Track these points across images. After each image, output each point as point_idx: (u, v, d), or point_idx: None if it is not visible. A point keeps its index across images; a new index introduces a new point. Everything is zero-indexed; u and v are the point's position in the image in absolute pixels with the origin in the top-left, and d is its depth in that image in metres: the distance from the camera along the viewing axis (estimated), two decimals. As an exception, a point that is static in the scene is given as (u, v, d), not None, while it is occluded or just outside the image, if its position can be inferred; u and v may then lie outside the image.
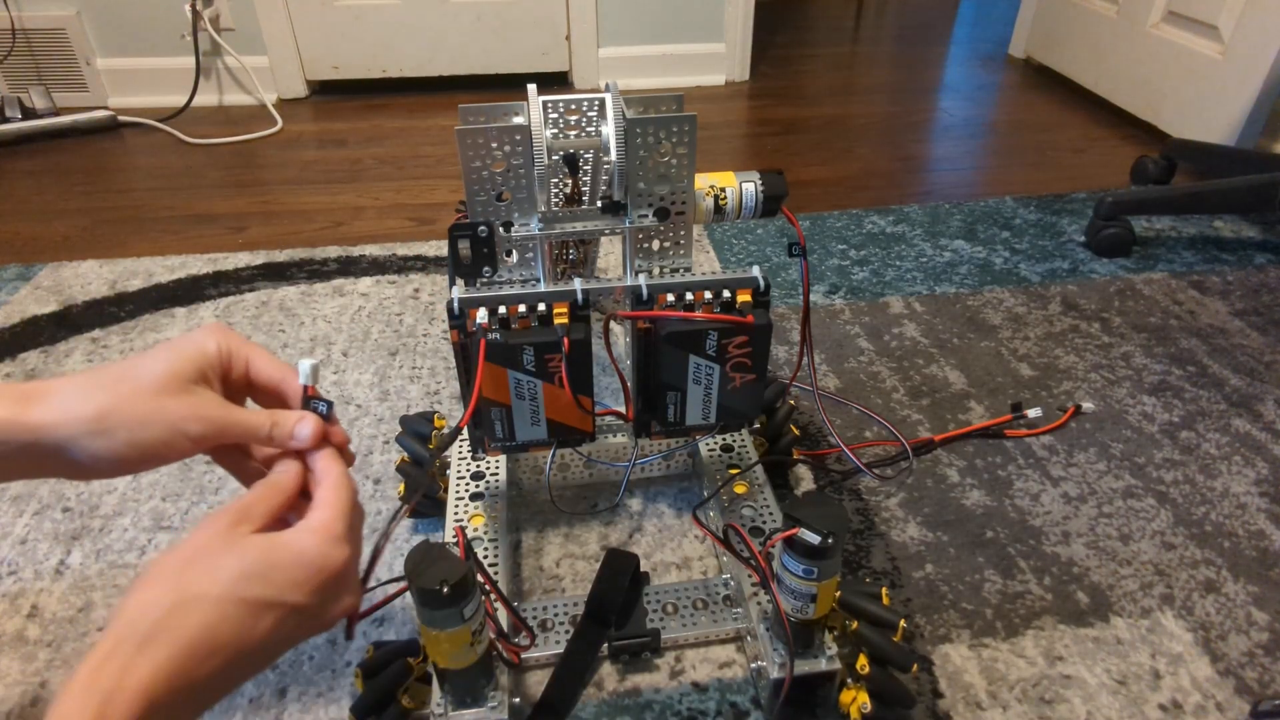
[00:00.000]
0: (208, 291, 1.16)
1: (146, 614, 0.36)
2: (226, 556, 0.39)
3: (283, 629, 0.40)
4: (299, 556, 0.40)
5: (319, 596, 0.41)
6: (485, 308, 0.58)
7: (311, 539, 0.41)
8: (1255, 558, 0.73)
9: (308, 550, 0.41)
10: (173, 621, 0.36)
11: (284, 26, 1.89)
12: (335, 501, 0.44)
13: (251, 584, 0.38)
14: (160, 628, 0.36)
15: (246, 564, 0.39)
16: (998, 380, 0.97)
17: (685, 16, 2.00)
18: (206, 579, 0.38)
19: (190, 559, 0.39)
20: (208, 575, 0.38)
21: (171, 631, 0.36)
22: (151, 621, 0.36)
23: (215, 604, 0.37)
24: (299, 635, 0.41)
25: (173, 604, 0.37)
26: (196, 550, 0.39)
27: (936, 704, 0.61)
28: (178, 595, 0.37)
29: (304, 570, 0.40)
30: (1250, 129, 1.49)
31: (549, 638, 0.63)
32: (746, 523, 0.70)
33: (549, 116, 0.66)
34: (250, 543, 0.40)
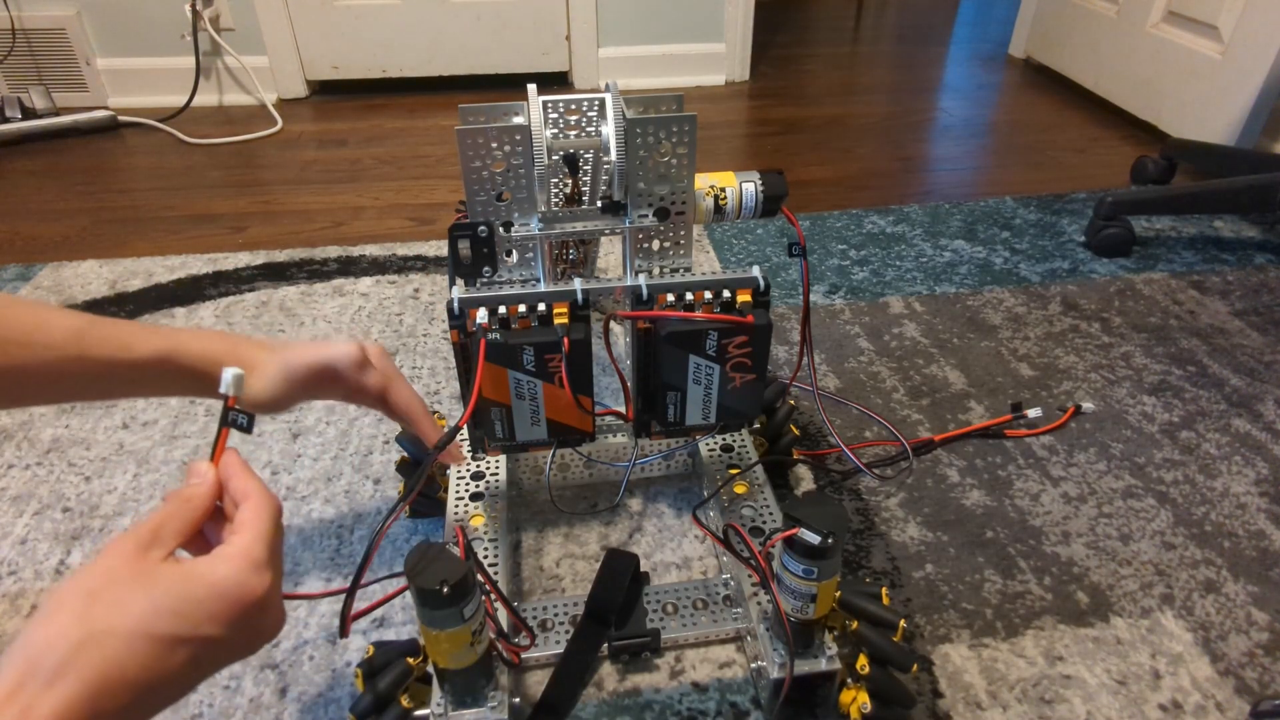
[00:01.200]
0: (208, 291, 1.16)
1: (53, 649, 0.34)
2: (135, 589, 0.37)
3: (199, 661, 0.38)
4: (214, 588, 0.38)
5: (237, 628, 0.39)
6: (485, 308, 0.58)
7: (228, 568, 0.39)
8: (1255, 558, 0.73)
9: (225, 580, 0.39)
10: (80, 658, 0.34)
11: (284, 26, 1.89)
12: (255, 523, 0.41)
13: (162, 619, 0.36)
14: (67, 664, 0.34)
15: (156, 598, 0.37)
16: (998, 380, 0.97)
17: (685, 16, 2.00)
18: (115, 613, 0.36)
19: (96, 591, 0.36)
20: (116, 609, 0.36)
21: (79, 669, 0.34)
22: (58, 658, 0.34)
23: (124, 640, 0.35)
24: (219, 664, 0.40)
25: (79, 640, 0.35)
26: (104, 579, 0.37)
27: (936, 704, 0.61)
28: (84, 630, 0.35)
29: (221, 602, 0.38)
30: (1250, 129, 1.49)
31: (549, 638, 0.63)
32: (746, 523, 0.70)
33: (549, 116, 0.66)
34: (161, 574, 0.38)
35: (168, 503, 0.42)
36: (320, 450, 0.86)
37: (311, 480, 0.82)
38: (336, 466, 0.84)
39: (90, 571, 0.37)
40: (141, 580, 0.37)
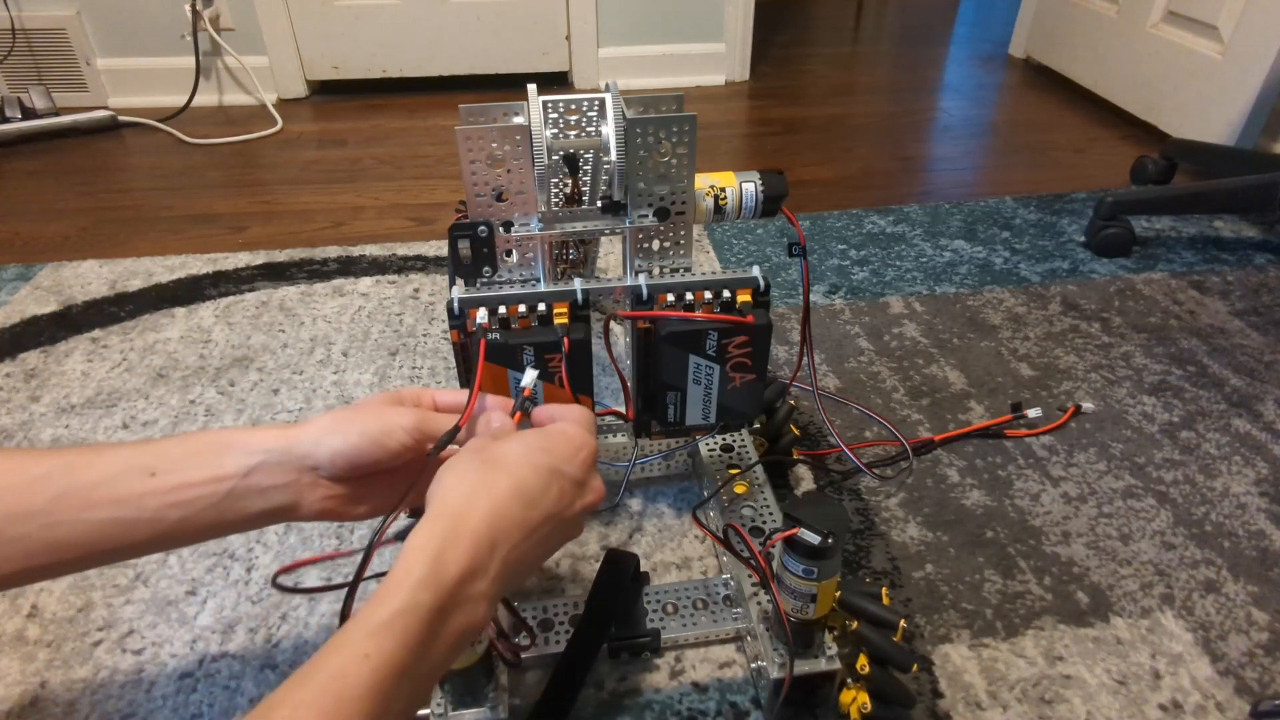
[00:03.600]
0: (208, 291, 1.16)
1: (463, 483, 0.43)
2: (510, 442, 0.47)
3: (562, 501, 0.46)
4: (569, 437, 0.48)
5: (584, 472, 0.48)
6: (485, 308, 0.58)
7: (573, 427, 0.49)
8: (1255, 558, 0.73)
9: (574, 432, 0.49)
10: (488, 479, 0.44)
11: (284, 26, 1.89)
12: (577, 409, 0.52)
13: (537, 454, 0.46)
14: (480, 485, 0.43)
15: (529, 440, 0.47)
16: (998, 380, 0.97)
17: (685, 16, 2.00)
18: (503, 451, 0.46)
19: (478, 448, 0.46)
20: (502, 450, 0.46)
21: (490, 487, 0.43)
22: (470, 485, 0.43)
23: (515, 466, 0.45)
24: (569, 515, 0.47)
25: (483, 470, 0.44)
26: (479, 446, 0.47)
27: (936, 704, 0.61)
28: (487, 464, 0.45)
29: (572, 446, 0.48)
30: (1250, 129, 1.49)
31: (549, 638, 0.63)
32: (746, 523, 0.70)
33: (549, 116, 0.66)
34: (524, 432, 0.49)
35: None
36: (320, 450, 0.86)
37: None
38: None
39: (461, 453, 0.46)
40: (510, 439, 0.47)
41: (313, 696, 0.34)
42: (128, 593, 0.70)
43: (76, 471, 0.44)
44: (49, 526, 0.43)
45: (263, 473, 0.46)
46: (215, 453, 0.46)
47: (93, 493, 0.44)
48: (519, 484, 0.44)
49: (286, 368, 1.00)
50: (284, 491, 0.47)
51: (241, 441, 0.47)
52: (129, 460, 0.45)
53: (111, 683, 0.63)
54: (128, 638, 0.67)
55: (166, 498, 0.45)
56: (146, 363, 1.01)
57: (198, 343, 1.04)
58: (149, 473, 0.45)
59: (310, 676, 0.35)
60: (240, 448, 0.46)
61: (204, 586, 0.71)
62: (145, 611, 0.69)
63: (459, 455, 0.46)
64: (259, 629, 0.67)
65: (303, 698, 0.34)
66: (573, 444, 0.48)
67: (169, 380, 0.98)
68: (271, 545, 0.75)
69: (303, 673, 0.35)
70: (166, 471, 0.45)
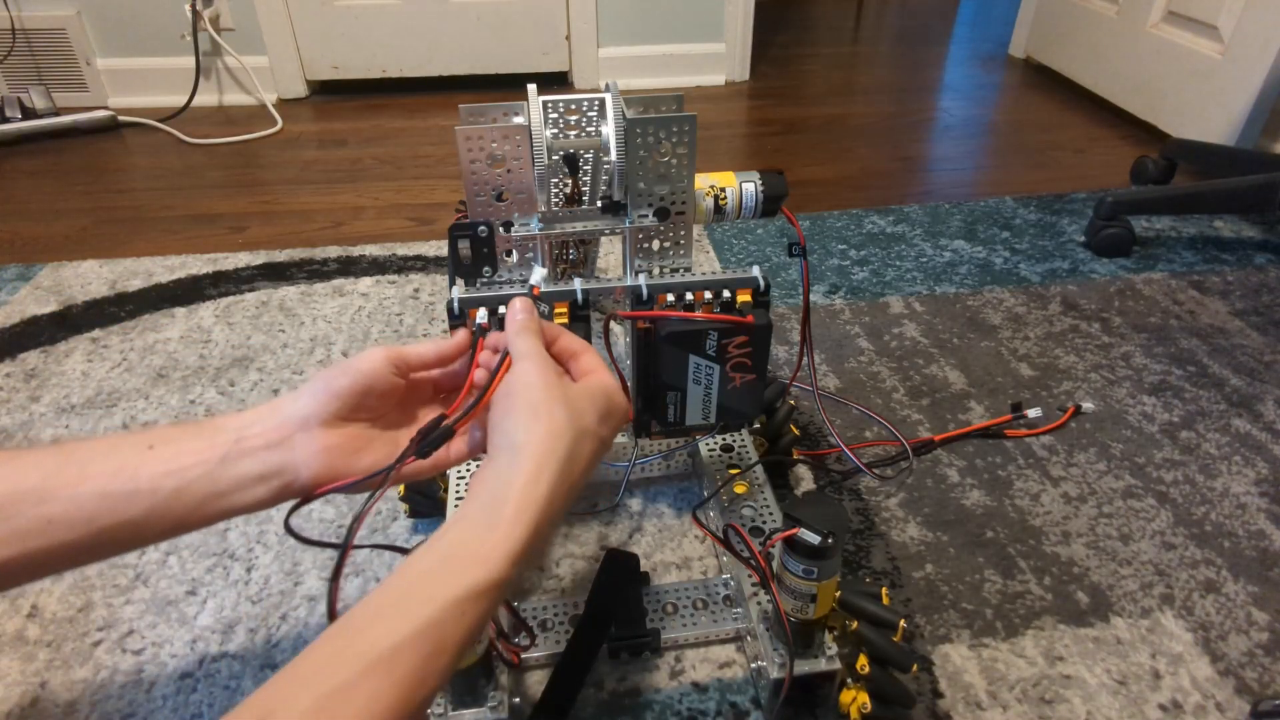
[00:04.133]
0: (208, 291, 1.16)
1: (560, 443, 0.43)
2: (583, 398, 0.47)
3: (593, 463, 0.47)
4: (621, 407, 0.49)
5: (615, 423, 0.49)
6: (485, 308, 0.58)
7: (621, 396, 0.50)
8: (1255, 558, 0.73)
9: (622, 402, 0.50)
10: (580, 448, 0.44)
11: (284, 26, 1.89)
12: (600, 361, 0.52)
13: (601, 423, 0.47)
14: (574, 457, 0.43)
15: (597, 400, 0.47)
16: (998, 380, 0.97)
17: (685, 16, 2.00)
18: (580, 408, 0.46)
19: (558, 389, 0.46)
20: (580, 406, 0.46)
21: (579, 460, 0.44)
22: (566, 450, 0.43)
23: (588, 429, 0.45)
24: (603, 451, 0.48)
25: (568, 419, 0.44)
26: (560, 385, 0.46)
27: (936, 704, 0.61)
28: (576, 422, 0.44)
29: (620, 415, 0.49)
30: (1250, 129, 1.49)
31: (549, 638, 0.63)
32: (746, 523, 0.70)
33: (549, 116, 0.66)
34: (593, 386, 0.49)
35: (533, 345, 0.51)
36: (320, 450, 0.86)
37: (311, 480, 0.82)
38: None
39: None
40: (584, 388, 0.48)
41: (413, 640, 0.35)
42: (128, 593, 0.70)
43: (71, 451, 0.45)
44: (41, 503, 0.42)
45: (254, 434, 0.46)
46: (211, 430, 0.47)
47: (88, 467, 0.44)
48: (597, 450, 0.46)
49: (286, 368, 1.00)
50: (278, 451, 0.46)
51: (236, 418, 0.47)
52: (126, 437, 0.46)
53: (111, 683, 0.63)
54: (128, 638, 0.67)
55: (161, 466, 0.44)
56: (146, 363, 1.01)
57: (198, 343, 1.04)
58: (146, 445, 0.45)
59: (405, 614, 0.35)
60: (234, 423, 0.47)
61: (204, 586, 0.71)
62: (145, 611, 0.69)
63: (542, 399, 0.45)
64: (259, 629, 0.67)
65: (403, 638, 0.34)
66: (620, 412, 0.50)
67: (169, 380, 0.98)
68: (271, 545, 0.75)
69: (396, 602, 0.36)
70: (163, 444, 0.45)
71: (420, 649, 0.34)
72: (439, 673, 0.35)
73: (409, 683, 0.34)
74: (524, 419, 0.43)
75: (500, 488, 0.41)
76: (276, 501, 0.48)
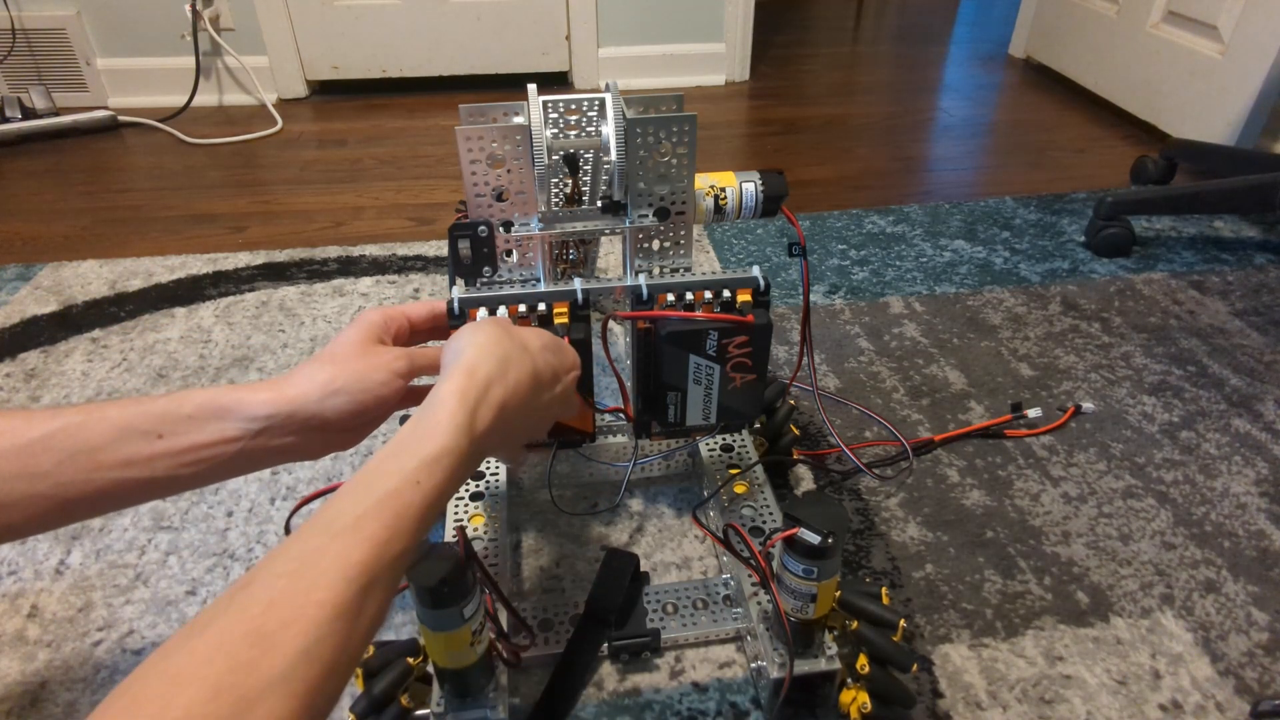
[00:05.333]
0: (208, 291, 1.16)
1: (495, 350, 0.47)
2: (531, 333, 0.52)
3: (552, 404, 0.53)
4: (571, 353, 0.56)
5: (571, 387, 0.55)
6: (485, 308, 0.58)
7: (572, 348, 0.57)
8: (1255, 558, 0.73)
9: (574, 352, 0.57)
10: (516, 356, 0.48)
11: (284, 26, 1.89)
12: None
13: (551, 354, 0.52)
14: (509, 359, 0.47)
15: (545, 338, 0.53)
16: (998, 380, 0.97)
17: (685, 16, 2.00)
18: (526, 336, 0.51)
19: (502, 322, 0.52)
20: (525, 335, 0.51)
21: (516, 364, 0.48)
22: (501, 354, 0.47)
23: (535, 355, 0.50)
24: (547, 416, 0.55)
25: (511, 345, 0.49)
26: (503, 321, 0.53)
27: (936, 704, 0.61)
28: (515, 342, 0.49)
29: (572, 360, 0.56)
30: (1250, 129, 1.49)
31: (549, 638, 0.63)
32: (746, 523, 0.70)
33: (549, 116, 0.66)
34: (539, 329, 0.55)
35: None
36: (320, 450, 0.86)
37: (311, 480, 0.82)
38: (336, 466, 0.84)
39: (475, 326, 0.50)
40: (529, 328, 0.54)
41: (374, 510, 0.37)
42: (128, 593, 0.70)
43: (78, 434, 0.46)
44: (60, 487, 0.45)
45: (272, 434, 0.49)
46: (216, 416, 0.48)
47: (98, 455, 0.46)
48: (536, 371, 0.49)
49: (286, 368, 1.00)
50: (295, 447, 0.50)
51: (239, 403, 0.48)
52: (130, 422, 0.47)
53: (111, 683, 0.63)
54: (128, 638, 0.67)
55: (178, 459, 0.47)
56: (146, 363, 1.01)
57: (198, 343, 1.04)
58: (155, 435, 0.47)
59: (366, 489, 0.38)
60: (240, 412, 0.48)
61: (204, 586, 0.71)
62: (145, 611, 0.69)
63: (485, 322, 0.50)
64: (259, 629, 0.67)
65: (366, 509, 0.37)
66: (571, 356, 0.56)
67: (169, 380, 0.98)
68: (271, 545, 0.75)
69: (357, 488, 0.39)
70: (173, 435, 0.47)
71: (382, 514, 0.37)
72: (407, 533, 0.38)
73: (377, 540, 0.36)
74: (465, 332, 0.49)
75: (440, 385, 0.45)
76: None
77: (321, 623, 0.33)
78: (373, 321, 0.54)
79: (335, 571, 0.35)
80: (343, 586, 0.34)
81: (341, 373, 0.50)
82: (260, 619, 0.32)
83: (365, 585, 0.35)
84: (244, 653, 0.31)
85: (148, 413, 0.47)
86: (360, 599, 0.35)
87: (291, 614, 0.33)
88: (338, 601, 0.34)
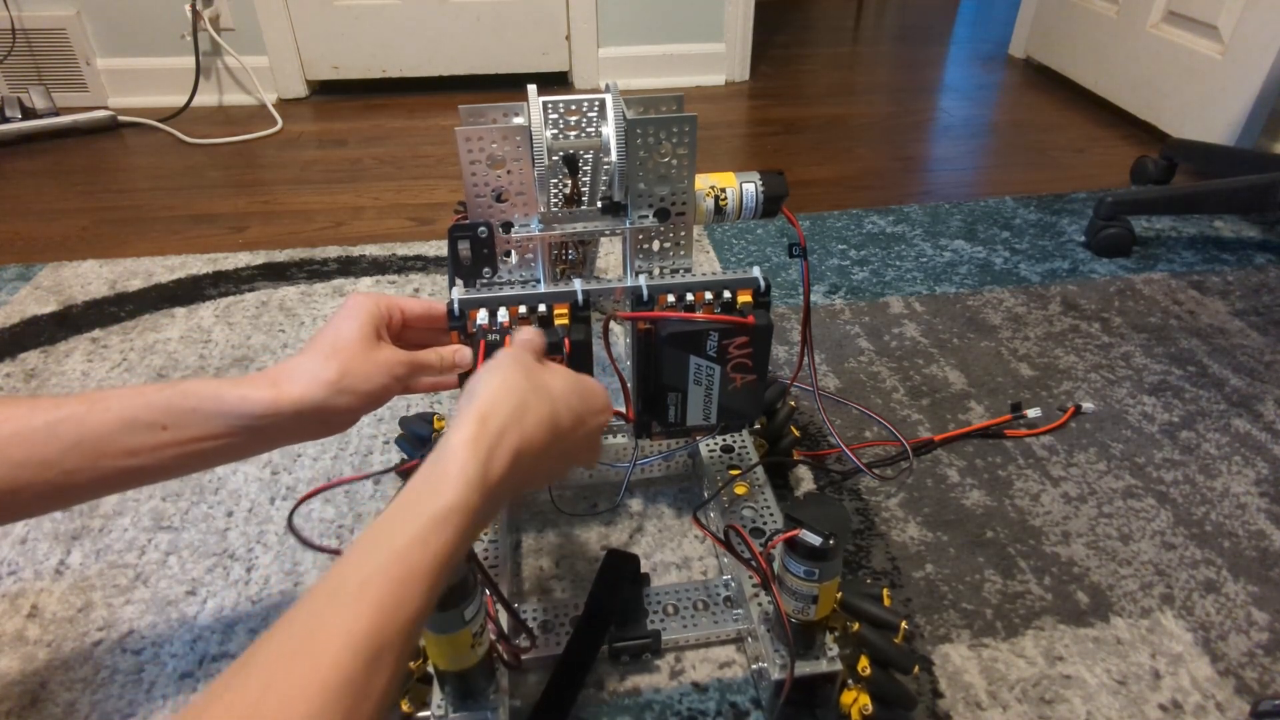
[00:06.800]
0: (208, 291, 1.16)
1: (510, 396, 0.45)
2: (554, 374, 0.49)
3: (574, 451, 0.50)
4: (599, 395, 0.52)
5: (597, 432, 0.52)
6: (485, 309, 0.58)
7: (602, 388, 0.54)
8: (1255, 558, 0.73)
9: (603, 393, 0.53)
10: (533, 402, 0.45)
11: (284, 26, 1.89)
12: None
13: (574, 397, 0.49)
14: (525, 404, 0.45)
15: (569, 380, 0.50)
16: (998, 380, 0.97)
17: (685, 16, 2.00)
18: (547, 379, 0.48)
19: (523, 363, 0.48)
20: (546, 378, 0.48)
21: (533, 410, 0.45)
22: (517, 401, 0.44)
23: (556, 400, 0.47)
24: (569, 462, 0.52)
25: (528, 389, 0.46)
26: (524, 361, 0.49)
27: (937, 704, 0.61)
28: (533, 385, 0.46)
29: (600, 403, 0.52)
30: (1250, 129, 1.49)
31: (549, 638, 0.63)
32: (747, 524, 0.70)
33: (549, 117, 0.66)
34: (565, 369, 0.52)
35: None
36: (320, 450, 0.86)
37: (311, 480, 0.82)
38: (336, 467, 0.84)
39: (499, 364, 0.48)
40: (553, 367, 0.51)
41: (379, 573, 0.36)
42: (128, 593, 0.70)
43: (82, 424, 0.46)
44: (66, 474, 0.46)
45: (277, 429, 0.49)
46: (220, 412, 0.48)
47: (102, 445, 0.46)
48: (554, 417, 0.46)
49: (286, 368, 0.99)
50: (293, 436, 0.51)
51: (243, 400, 0.48)
52: (134, 414, 0.47)
53: (111, 683, 0.63)
54: (128, 638, 0.67)
55: (181, 449, 0.48)
56: (146, 363, 1.01)
57: (198, 343, 1.04)
58: (159, 427, 0.47)
59: (371, 551, 0.37)
60: (243, 409, 0.48)
61: (204, 586, 0.71)
62: (145, 611, 0.69)
63: (504, 361, 0.48)
64: (259, 629, 0.67)
65: (370, 573, 0.36)
66: (600, 401, 0.52)
67: (169, 380, 0.98)
68: (271, 545, 0.75)
69: (362, 549, 0.38)
70: (177, 427, 0.48)
71: (388, 578, 0.36)
72: (416, 597, 0.36)
73: (384, 607, 0.35)
74: (482, 374, 0.46)
75: (451, 433, 0.42)
76: None
77: (324, 702, 0.31)
78: (371, 312, 0.54)
79: (338, 643, 0.33)
80: (347, 658, 0.33)
81: (345, 374, 0.50)
82: (257, 703, 0.31)
83: (372, 655, 0.33)
84: None
85: (151, 404, 0.47)
86: (367, 670, 0.33)
87: (291, 693, 0.31)
88: (341, 675, 0.32)
